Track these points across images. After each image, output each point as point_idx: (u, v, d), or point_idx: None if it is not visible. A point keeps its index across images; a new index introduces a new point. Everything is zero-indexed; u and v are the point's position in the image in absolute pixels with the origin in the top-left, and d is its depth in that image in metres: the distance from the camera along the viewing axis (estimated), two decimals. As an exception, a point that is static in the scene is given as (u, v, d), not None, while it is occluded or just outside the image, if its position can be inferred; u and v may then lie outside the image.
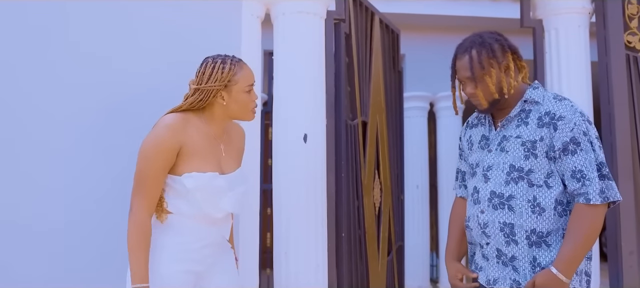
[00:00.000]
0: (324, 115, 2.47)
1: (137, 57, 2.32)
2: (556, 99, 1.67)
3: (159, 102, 2.27)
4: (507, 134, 1.69)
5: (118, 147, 2.26)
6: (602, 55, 2.59)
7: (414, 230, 5.34)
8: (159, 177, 1.66)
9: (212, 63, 1.71)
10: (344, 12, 2.60)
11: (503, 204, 1.66)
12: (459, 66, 1.71)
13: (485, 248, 1.72)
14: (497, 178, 1.68)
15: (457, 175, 1.96)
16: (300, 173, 2.36)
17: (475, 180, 1.75)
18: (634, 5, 2.64)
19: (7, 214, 2.21)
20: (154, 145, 1.65)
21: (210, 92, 1.69)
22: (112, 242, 2.10)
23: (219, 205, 1.73)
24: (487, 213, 1.68)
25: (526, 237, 1.63)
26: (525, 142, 1.64)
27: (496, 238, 1.67)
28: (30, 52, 2.28)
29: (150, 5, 2.35)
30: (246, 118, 1.78)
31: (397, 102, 3.65)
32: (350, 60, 2.74)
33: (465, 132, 1.89)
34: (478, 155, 1.77)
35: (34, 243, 2.21)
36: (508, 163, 1.66)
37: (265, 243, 4.33)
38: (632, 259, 2.43)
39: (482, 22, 5.25)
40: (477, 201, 1.72)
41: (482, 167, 1.73)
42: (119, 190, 2.24)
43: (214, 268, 1.78)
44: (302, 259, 2.34)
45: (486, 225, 1.68)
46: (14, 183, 2.23)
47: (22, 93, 2.27)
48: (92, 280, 2.18)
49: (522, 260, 1.64)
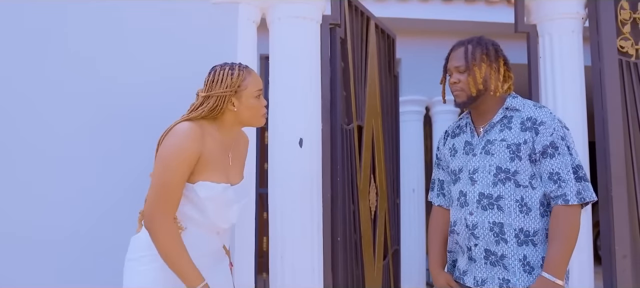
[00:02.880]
0: (320, 120, 2.48)
1: (134, 62, 2.32)
2: (535, 106, 1.77)
3: (155, 107, 2.28)
4: (491, 138, 1.75)
5: (113, 152, 2.26)
6: (596, 60, 2.60)
7: (410, 234, 5.35)
8: (180, 186, 1.62)
9: (221, 70, 1.72)
10: (340, 16, 2.61)
11: (492, 204, 1.70)
12: (452, 56, 1.80)
13: (472, 251, 1.74)
14: (484, 180, 1.72)
15: (434, 185, 2.00)
16: (296, 178, 2.36)
17: (461, 184, 1.78)
18: (627, 10, 2.67)
19: (4, 220, 2.21)
20: (178, 153, 1.61)
21: (221, 99, 1.69)
22: (111, 246, 2.10)
23: (227, 216, 1.75)
24: (476, 214, 1.72)
25: (515, 235, 1.68)
26: (510, 144, 1.71)
27: (485, 238, 1.71)
28: (28, 60, 2.29)
29: (146, 10, 2.35)
30: (257, 123, 1.79)
31: (392, 106, 3.66)
32: (346, 64, 2.75)
33: (445, 142, 1.94)
34: (462, 161, 1.81)
35: (31, 249, 2.21)
36: (494, 165, 1.71)
37: (261, 248, 4.31)
38: (626, 263, 2.44)
39: (477, 27, 5.28)
40: (464, 204, 1.76)
41: (468, 171, 1.77)
42: (117, 195, 2.24)
43: (210, 274, 1.78)
44: (298, 263, 2.34)
45: (475, 226, 1.72)
46: (11, 189, 2.22)
47: (20, 99, 2.27)
48: (90, 285, 2.17)
49: (512, 258, 1.68)
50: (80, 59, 2.30)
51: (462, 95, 1.77)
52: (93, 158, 2.26)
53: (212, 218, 1.70)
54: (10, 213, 2.22)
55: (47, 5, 2.32)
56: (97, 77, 2.30)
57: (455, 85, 1.78)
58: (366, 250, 2.87)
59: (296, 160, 2.38)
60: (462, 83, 1.76)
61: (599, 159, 2.56)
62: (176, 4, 2.36)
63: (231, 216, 1.76)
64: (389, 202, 3.39)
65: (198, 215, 1.69)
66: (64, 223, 2.23)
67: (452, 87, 1.79)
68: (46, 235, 2.22)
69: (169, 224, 1.60)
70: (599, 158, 2.56)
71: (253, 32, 2.44)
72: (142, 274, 1.66)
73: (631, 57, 2.65)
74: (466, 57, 1.75)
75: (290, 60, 2.42)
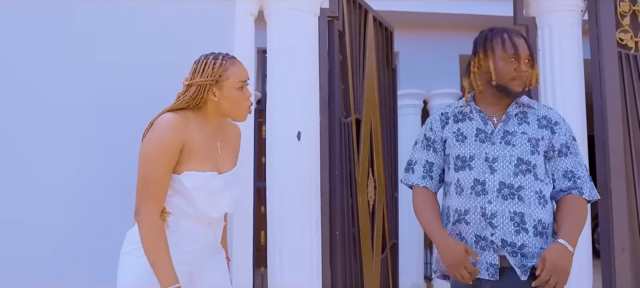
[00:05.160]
0: (318, 113, 2.47)
1: (130, 55, 2.30)
2: (546, 107, 1.84)
3: (152, 100, 2.26)
4: (510, 129, 1.76)
5: (109, 144, 2.24)
6: (595, 53, 2.59)
7: (408, 228, 5.33)
8: (165, 178, 1.61)
9: (204, 59, 1.70)
10: (338, 9, 2.59)
11: (513, 194, 1.70)
12: (519, 43, 1.76)
13: (486, 240, 1.71)
14: (505, 170, 1.72)
15: (416, 167, 1.90)
16: (294, 171, 2.36)
17: (476, 172, 1.74)
18: (626, 3, 2.66)
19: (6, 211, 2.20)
20: (158, 146, 1.60)
21: (202, 88, 1.67)
22: (110, 239, 2.09)
23: (218, 205, 1.72)
24: (495, 203, 1.70)
25: (534, 226, 1.70)
26: (531, 138, 1.74)
27: (504, 228, 1.69)
28: (29, 50, 2.27)
29: (144, 3, 2.33)
30: (238, 117, 1.75)
31: (390, 100, 3.65)
32: (344, 57, 2.73)
33: (445, 125, 1.86)
34: (474, 148, 1.77)
35: (32, 240, 2.20)
36: (516, 155, 1.72)
37: (259, 242, 4.31)
38: (625, 256, 2.44)
39: (475, 20, 5.26)
40: (482, 192, 1.72)
41: (485, 159, 1.74)
42: (114, 188, 2.23)
43: (205, 267, 1.77)
44: (296, 257, 2.33)
45: (494, 215, 1.70)
46: (13, 179, 2.21)
47: (21, 93, 2.25)
48: (89, 278, 2.17)
49: (531, 247, 1.69)
50: (76, 53, 2.28)
51: (521, 85, 1.76)
52: (90, 153, 2.25)
53: (201, 208, 1.68)
54: (12, 206, 2.20)
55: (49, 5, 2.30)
56: (93, 69, 2.28)
57: (523, 74, 1.75)
58: (364, 243, 2.87)
59: (294, 153, 2.36)
60: (528, 73, 1.76)
61: (598, 152, 2.55)
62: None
63: (222, 205, 1.73)
64: (387, 196, 3.39)
65: (187, 206, 1.68)
66: (65, 218, 2.22)
67: (517, 74, 1.74)
68: (45, 230, 2.21)
69: (150, 218, 1.58)
70: (598, 151, 2.55)
71: (251, 25, 2.43)
72: (133, 268, 1.65)
73: (630, 49, 2.64)
74: (531, 51, 1.77)
75: (288, 53, 2.40)
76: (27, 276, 2.17)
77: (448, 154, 1.84)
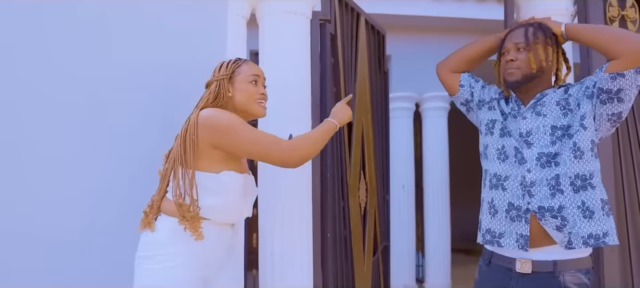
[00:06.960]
0: (310, 116, 2.47)
1: (122, 56, 2.30)
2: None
3: (144, 102, 2.26)
4: (538, 102, 1.75)
5: (101, 145, 2.23)
6: (584, 57, 2.61)
7: (400, 231, 5.37)
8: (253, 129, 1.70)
9: (222, 61, 1.85)
10: (330, 12, 2.60)
11: (550, 162, 1.68)
12: (513, 34, 1.78)
13: (520, 210, 1.70)
14: (541, 141, 1.71)
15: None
16: (285, 174, 2.35)
17: (512, 141, 1.75)
18: (615, 7, 2.68)
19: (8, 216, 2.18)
20: (229, 116, 1.67)
21: (218, 84, 1.77)
22: (111, 239, 2.08)
23: (246, 207, 1.79)
24: (534, 172, 1.69)
25: (571, 183, 1.65)
26: (559, 101, 1.72)
27: (540, 195, 1.67)
28: (29, 50, 2.26)
29: (135, 4, 2.33)
30: (256, 112, 1.82)
31: (382, 103, 3.66)
32: (336, 60, 2.74)
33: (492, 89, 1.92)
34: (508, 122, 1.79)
35: (32, 241, 2.19)
36: (549, 124, 1.71)
37: (251, 244, 4.30)
38: (613, 256, 2.46)
39: (467, 24, 5.30)
40: (521, 161, 1.72)
41: (520, 134, 1.74)
42: (115, 188, 2.22)
43: (222, 269, 1.80)
44: (287, 260, 2.33)
45: (533, 184, 1.69)
46: (15, 187, 2.20)
47: (22, 95, 2.24)
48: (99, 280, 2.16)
49: (570, 207, 1.64)
50: (67, 54, 2.27)
51: (517, 73, 1.74)
52: (75, 148, 2.24)
53: (234, 209, 1.74)
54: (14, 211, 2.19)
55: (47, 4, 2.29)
56: (84, 72, 2.27)
57: (510, 64, 1.75)
58: (356, 246, 2.87)
59: (286, 156, 2.36)
60: (520, 61, 1.74)
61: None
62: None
63: (250, 207, 1.81)
64: (379, 199, 3.40)
65: (221, 205, 1.70)
66: (69, 221, 2.21)
67: (507, 66, 1.76)
68: (51, 232, 2.20)
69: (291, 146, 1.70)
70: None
71: (243, 28, 2.43)
72: (154, 273, 1.65)
73: (619, 54, 2.66)
74: (526, 36, 1.74)
75: (280, 55, 2.40)
76: (27, 278, 2.16)
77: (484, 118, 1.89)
